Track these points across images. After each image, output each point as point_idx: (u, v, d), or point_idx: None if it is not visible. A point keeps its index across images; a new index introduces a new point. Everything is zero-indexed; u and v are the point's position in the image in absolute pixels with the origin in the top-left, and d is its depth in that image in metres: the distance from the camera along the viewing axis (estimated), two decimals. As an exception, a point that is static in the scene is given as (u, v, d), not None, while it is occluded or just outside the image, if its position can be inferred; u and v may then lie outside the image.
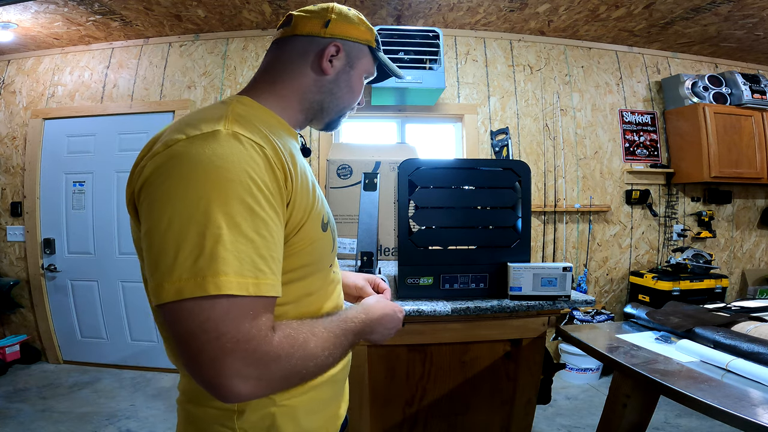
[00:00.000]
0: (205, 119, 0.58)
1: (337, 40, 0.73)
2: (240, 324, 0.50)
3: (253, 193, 0.53)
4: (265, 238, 0.54)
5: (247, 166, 0.54)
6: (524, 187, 1.35)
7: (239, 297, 0.50)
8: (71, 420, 2.40)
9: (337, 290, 0.78)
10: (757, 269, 3.55)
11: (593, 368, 2.98)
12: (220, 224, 0.50)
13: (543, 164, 3.27)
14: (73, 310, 3.20)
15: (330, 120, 0.79)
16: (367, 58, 0.78)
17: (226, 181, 0.52)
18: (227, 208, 0.51)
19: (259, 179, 0.54)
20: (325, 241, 0.70)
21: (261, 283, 0.53)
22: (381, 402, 1.34)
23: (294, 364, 0.55)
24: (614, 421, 1.26)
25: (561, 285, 1.28)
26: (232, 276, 0.50)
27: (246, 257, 0.51)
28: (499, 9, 2.93)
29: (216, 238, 0.50)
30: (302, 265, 0.66)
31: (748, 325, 1.18)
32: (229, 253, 0.50)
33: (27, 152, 3.19)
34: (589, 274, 3.32)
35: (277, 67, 0.73)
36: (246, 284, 0.51)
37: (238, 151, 0.54)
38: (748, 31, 3.04)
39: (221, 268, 0.49)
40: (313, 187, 0.68)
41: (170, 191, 0.52)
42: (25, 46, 3.16)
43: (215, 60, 3.19)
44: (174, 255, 0.50)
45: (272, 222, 0.55)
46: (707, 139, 3.08)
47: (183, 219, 0.50)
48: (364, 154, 2.24)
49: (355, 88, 0.78)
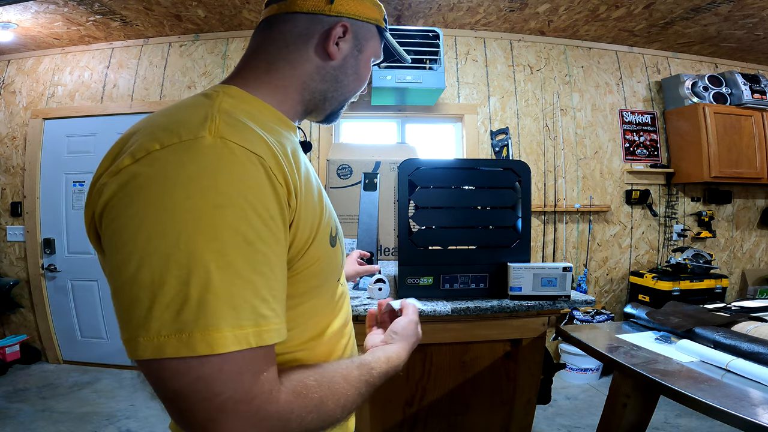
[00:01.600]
0: (185, 122, 0.46)
1: (345, 19, 0.61)
2: (238, 382, 0.41)
3: (249, 219, 0.43)
4: (266, 275, 0.44)
5: (241, 185, 0.43)
6: (524, 187, 1.35)
7: (235, 352, 0.41)
8: (71, 420, 2.40)
9: (345, 304, 0.69)
10: (757, 269, 3.55)
11: (593, 368, 2.98)
12: (208, 265, 0.40)
13: (543, 164, 3.27)
14: (73, 310, 3.20)
15: (332, 111, 0.68)
16: (375, 39, 0.67)
17: (215, 208, 0.41)
18: (217, 243, 0.41)
19: (258, 201, 0.44)
20: (334, 257, 0.60)
21: (263, 332, 0.43)
22: (381, 402, 1.34)
23: (306, 426, 0.46)
24: (614, 421, 1.26)
25: (561, 285, 1.28)
26: (227, 330, 0.40)
27: (243, 303, 0.42)
28: (499, 9, 2.92)
29: (204, 282, 0.40)
30: (308, 289, 0.57)
31: (748, 325, 1.18)
32: (221, 301, 0.40)
33: (27, 152, 3.19)
34: (589, 274, 3.32)
35: (271, 51, 0.61)
36: (245, 336, 0.42)
37: (228, 165, 0.43)
38: (748, 31, 3.04)
39: (212, 321, 0.40)
40: (320, 195, 0.58)
41: (140, 221, 0.40)
42: (25, 46, 3.16)
43: (215, 60, 3.19)
44: (149, 305, 0.40)
45: (273, 254, 0.45)
46: (707, 139, 3.08)
47: (158, 259, 0.40)
48: (364, 154, 2.24)
49: (362, 74, 0.67)
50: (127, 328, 0.41)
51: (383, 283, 1.34)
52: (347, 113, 3.23)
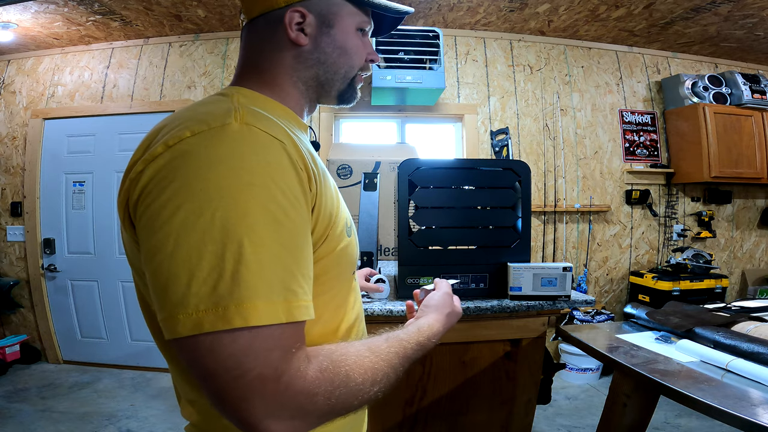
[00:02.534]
0: (212, 113, 0.49)
1: (296, 5, 0.61)
2: (268, 358, 0.42)
3: (276, 198, 0.45)
4: (294, 252, 0.46)
5: (267, 166, 0.45)
6: (524, 187, 1.35)
7: (266, 327, 0.42)
8: (71, 420, 2.40)
9: (358, 301, 0.70)
10: (757, 269, 3.55)
11: (593, 368, 2.98)
12: (242, 240, 0.42)
13: (543, 164, 3.27)
14: (73, 310, 3.20)
15: (340, 90, 0.68)
16: (346, 7, 0.64)
17: (245, 186, 0.43)
18: (248, 219, 0.43)
19: (283, 182, 0.46)
20: (351, 247, 0.61)
21: (293, 307, 0.44)
22: (381, 402, 1.34)
23: (334, 402, 0.46)
24: (614, 421, 1.26)
25: (561, 285, 1.28)
26: (260, 302, 0.42)
27: (274, 277, 0.43)
28: (499, 9, 2.93)
29: (237, 257, 0.42)
30: (330, 278, 0.58)
31: (748, 325, 1.18)
32: (253, 275, 0.42)
33: (27, 152, 3.19)
34: (589, 274, 3.32)
35: (254, 57, 0.64)
36: (275, 311, 0.43)
37: (255, 147, 0.46)
38: (748, 31, 3.04)
39: (246, 294, 0.41)
40: (334, 187, 0.60)
41: (176, 202, 0.43)
42: (25, 46, 3.16)
43: (215, 60, 3.19)
44: (187, 281, 0.41)
45: (300, 233, 0.47)
46: (707, 139, 3.08)
47: (195, 236, 0.42)
48: (364, 154, 2.24)
49: (348, 47, 0.65)
50: (166, 306, 0.42)
51: (383, 283, 1.34)
52: (347, 113, 3.23)
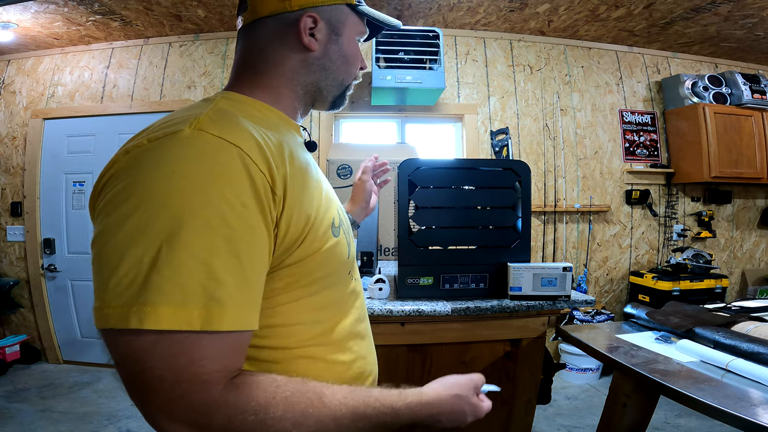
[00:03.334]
0: (174, 120, 0.50)
1: (309, 9, 0.61)
2: (171, 362, 0.42)
3: (215, 205, 0.44)
4: (228, 260, 0.44)
5: (210, 172, 0.45)
6: (524, 187, 1.35)
7: (174, 332, 0.42)
8: (71, 420, 2.40)
9: (359, 302, 0.69)
10: (757, 269, 3.55)
11: (593, 368, 2.98)
12: (161, 244, 0.42)
13: (543, 164, 3.27)
14: (73, 310, 3.20)
15: (334, 97, 0.69)
16: (351, 17, 0.66)
17: (178, 191, 0.43)
18: (174, 223, 0.42)
19: (227, 188, 0.45)
20: (340, 246, 0.60)
21: (212, 315, 0.43)
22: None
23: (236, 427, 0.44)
24: (614, 421, 1.26)
25: (561, 285, 1.28)
26: (165, 308, 0.41)
27: (192, 283, 0.42)
28: (499, 9, 2.92)
29: (153, 261, 0.42)
30: (316, 279, 0.57)
31: (748, 325, 1.18)
32: (165, 280, 0.42)
33: (27, 152, 3.19)
34: (589, 274, 3.32)
35: (252, 58, 0.63)
36: (188, 317, 0.42)
37: (200, 153, 0.45)
38: (748, 31, 3.04)
39: (151, 298, 0.41)
40: (318, 187, 0.60)
41: (115, 204, 0.44)
42: (25, 46, 3.16)
43: (215, 60, 3.19)
44: (107, 278, 0.43)
45: (242, 240, 0.45)
46: (707, 139, 3.08)
47: (122, 238, 0.43)
48: (364, 154, 2.24)
49: (349, 56, 0.66)
50: (95, 296, 0.45)
51: (383, 282, 1.34)
52: (347, 113, 3.23)
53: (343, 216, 0.66)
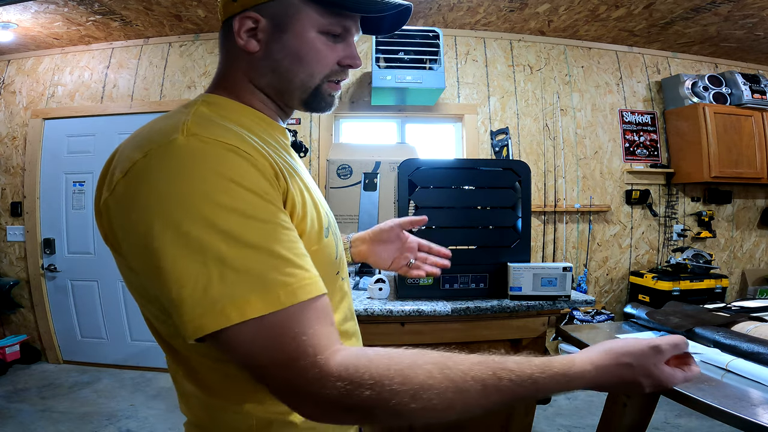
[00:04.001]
0: (161, 129, 0.50)
1: (249, 9, 0.58)
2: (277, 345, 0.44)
3: (241, 196, 0.46)
4: (279, 239, 0.47)
5: (222, 168, 0.46)
6: (524, 187, 1.35)
7: (269, 316, 0.44)
8: (71, 420, 2.40)
9: (345, 302, 0.69)
10: (757, 269, 3.55)
11: (593, 368, 2.98)
12: (218, 246, 0.44)
13: (543, 164, 3.27)
14: (73, 310, 3.20)
15: (303, 99, 0.64)
16: (305, 10, 0.58)
17: (202, 194, 0.45)
18: (219, 223, 0.44)
19: (243, 179, 0.47)
20: (327, 249, 0.61)
21: (294, 289, 0.45)
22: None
23: (353, 402, 0.44)
24: (614, 421, 1.26)
25: (561, 285, 1.29)
26: (254, 296, 0.43)
27: (263, 268, 0.45)
28: (499, 9, 2.93)
29: (219, 261, 0.43)
30: None
31: (748, 325, 1.18)
32: (240, 273, 0.44)
33: (27, 152, 3.19)
34: (589, 274, 3.32)
35: (222, 60, 0.64)
36: (275, 298, 0.44)
37: (204, 154, 0.47)
38: (748, 31, 3.04)
39: (238, 292, 0.43)
40: (306, 189, 0.59)
41: (143, 227, 0.45)
42: (25, 46, 3.16)
43: (215, 60, 3.19)
44: (180, 294, 0.44)
45: (278, 219, 0.48)
46: (707, 139, 3.08)
47: (172, 253, 0.44)
48: (364, 154, 2.24)
49: (301, 53, 0.60)
50: (173, 317, 0.45)
51: (383, 282, 1.34)
52: (347, 113, 3.23)
53: (331, 218, 0.66)
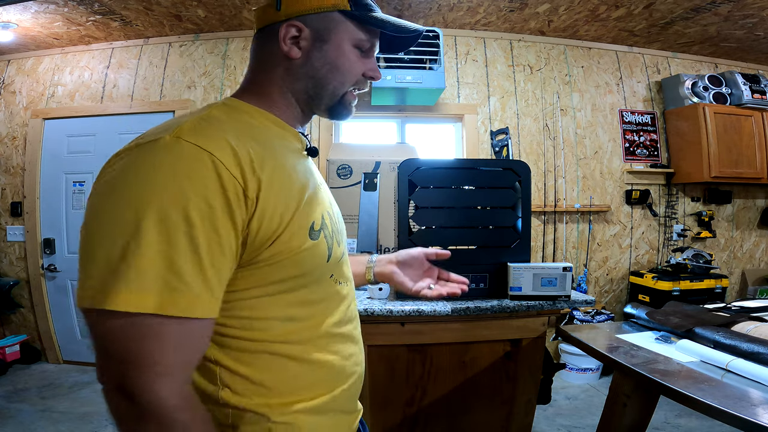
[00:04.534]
0: (163, 126, 0.55)
1: (294, 19, 0.64)
2: (129, 343, 0.48)
3: (181, 205, 0.49)
4: (188, 254, 0.49)
5: (182, 176, 0.50)
6: (524, 187, 1.35)
7: (133, 315, 0.47)
8: (71, 420, 2.40)
9: (344, 305, 0.71)
10: (757, 269, 3.55)
11: (593, 368, 2.98)
12: (130, 238, 0.48)
13: (543, 164, 3.27)
14: (73, 310, 3.20)
15: (329, 105, 0.69)
16: (344, 24, 0.65)
17: (149, 193, 0.49)
18: (144, 222, 0.48)
19: (195, 192, 0.50)
20: (317, 249, 0.62)
21: (165, 301, 0.48)
22: (381, 402, 1.34)
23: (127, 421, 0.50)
24: (614, 421, 1.26)
25: (561, 285, 1.29)
26: (126, 292, 0.47)
27: (151, 272, 0.47)
28: (499, 9, 2.93)
29: (122, 251, 0.47)
30: (288, 278, 0.60)
31: (748, 325, 1.18)
32: (130, 268, 0.47)
33: (27, 152, 3.19)
34: (589, 274, 3.32)
35: (254, 66, 0.69)
36: (143, 300, 0.47)
37: (175, 159, 0.50)
38: (748, 31, 3.04)
39: (116, 283, 0.47)
40: (301, 191, 0.62)
41: (100, 201, 0.51)
42: (25, 46, 3.16)
43: (215, 60, 3.19)
44: (85, 264, 0.50)
45: (205, 238, 0.50)
46: (707, 139, 3.08)
47: (100, 230, 0.50)
48: (364, 154, 2.24)
49: (338, 63, 0.66)
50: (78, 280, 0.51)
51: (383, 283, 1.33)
52: (347, 113, 3.22)
53: (330, 220, 0.68)
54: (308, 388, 0.64)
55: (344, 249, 0.74)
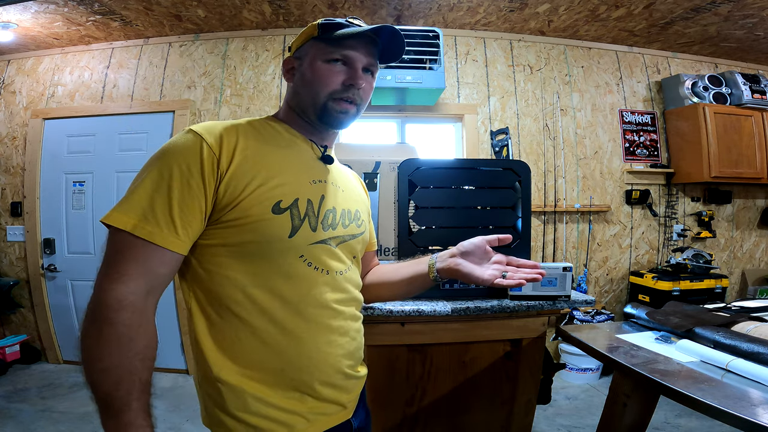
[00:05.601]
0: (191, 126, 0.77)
1: (294, 54, 0.85)
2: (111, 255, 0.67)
3: (170, 167, 0.69)
4: (164, 199, 0.67)
5: (176, 150, 0.71)
6: (524, 187, 1.35)
7: (123, 232, 0.66)
8: (71, 420, 2.40)
9: (329, 289, 0.79)
10: (757, 269, 3.55)
11: (593, 368, 2.98)
12: (138, 183, 0.69)
13: (543, 164, 3.27)
14: (73, 310, 3.20)
15: (316, 113, 0.82)
16: (315, 47, 0.81)
17: (157, 159, 0.71)
18: (150, 175, 0.69)
19: (182, 159, 0.70)
20: (276, 222, 0.73)
21: (138, 226, 0.66)
22: (381, 402, 1.34)
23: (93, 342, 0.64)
24: (614, 421, 1.26)
25: (561, 285, 1.29)
26: (118, 213, 0.67)
27: (139, 205, 0.67)
28: (499, 9, 2.92)
29: (130, 191, 0.69)
30: (244, 241, 0.72)
31: (748, 325, 1.18)
32: (129, 200, 0.68)
33: (27, 152, 3.19)
34: (589, 274, 3.32)
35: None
36: (126, 221, 0.66)
37: (180, 139, 0.72)
38: (748, 31, 3.04)
39: (117, 207, 0.68)
40: (275, 174, 0.75)
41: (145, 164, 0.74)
42: (25, 46, 3.16)
43: (215, 60, 3.19)
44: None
45: (179, 191, 0.68)
46: (707, 139, 3.08)
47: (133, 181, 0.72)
48: (363, 154, 2.23)
49: (310, 77, 0.81)
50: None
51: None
52: (347, 113, 3.22)
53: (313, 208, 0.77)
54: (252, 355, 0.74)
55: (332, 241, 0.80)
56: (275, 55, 3.19)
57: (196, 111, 3.17)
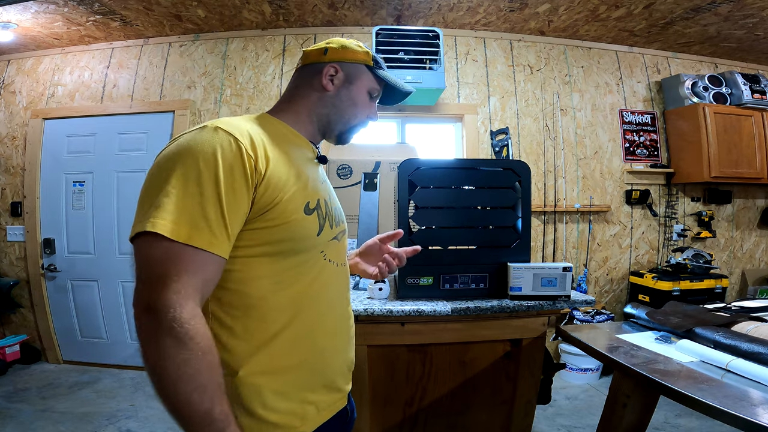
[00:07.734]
0: (205, 122, 0.72)
1: (335, 63, 0.86)
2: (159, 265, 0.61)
3: (211, 168, 0.65)
4: (212, 202, 0.64)
5: (215, 148, 0.67)
6: (524, 187, 1.35)
7: (174, 242, 0.61)
8: (71, 420, 2.40)
9: (337, 281, 0.84)
10: (757, 269, 3.55)
11: (593, 368, 2.98)
12: (174, 185, 0.63)
13: (543, 164, 3.27)
14: (73, 310, 3.20)
15: (339, 132, 0.89)
16: (366, 75, 0.89)
17: (190, 156, 0.66)
18: (186, 174, 0.64)
19: (223, 159, 0.66)
20: (308, 222, 0.76)
21: (193, 234, 0.62)
22: (381, 402, 1.34)
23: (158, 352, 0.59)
24: (614, 421, 1.26)
25: (561, 285, 1.29)
26: (167, 221, 0.61)
27: (188, 212, 0.63)
28: (499, 9, 2.92)
29: (166, 194, 0.63)
30: (278, 240, 0.73)
31: (748, 325, 1.18)
32: (171, 205, 0.62)
33: (27, 152, 3.19)
34: (589, 274, 3.32)
35: (293, 91, 0.88)
36: (177, 230, 0.61)
37: (210, 137, 0.68)
38: (748, 31, 3.04)
39: (160, 214, 0.61)
40: (299, 177, 0.77)
41: (158, 166, 0.68)
42: (25, 46, 3.16)
43: (215, 60, 3.19)
44: (139, 209, 0.64)
45: (225, 193, 0.65)
46: (707, 139, 3.08)
47: (155, 184, 0.65)
48: (364, 154, 2.24)
49: (357, 102, 0.88)
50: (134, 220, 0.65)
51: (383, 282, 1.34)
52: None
53: (326, 207, 0.82)
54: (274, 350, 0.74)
55: (339, 236, 0.86)
56: (275, 55, 3.19)
57: (196, 111, 3.17)
